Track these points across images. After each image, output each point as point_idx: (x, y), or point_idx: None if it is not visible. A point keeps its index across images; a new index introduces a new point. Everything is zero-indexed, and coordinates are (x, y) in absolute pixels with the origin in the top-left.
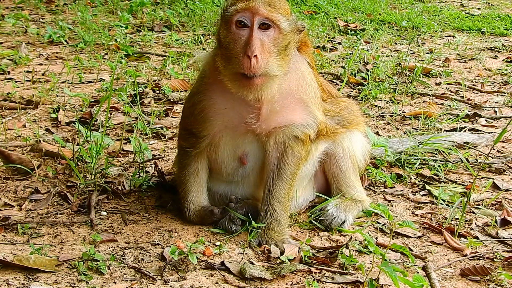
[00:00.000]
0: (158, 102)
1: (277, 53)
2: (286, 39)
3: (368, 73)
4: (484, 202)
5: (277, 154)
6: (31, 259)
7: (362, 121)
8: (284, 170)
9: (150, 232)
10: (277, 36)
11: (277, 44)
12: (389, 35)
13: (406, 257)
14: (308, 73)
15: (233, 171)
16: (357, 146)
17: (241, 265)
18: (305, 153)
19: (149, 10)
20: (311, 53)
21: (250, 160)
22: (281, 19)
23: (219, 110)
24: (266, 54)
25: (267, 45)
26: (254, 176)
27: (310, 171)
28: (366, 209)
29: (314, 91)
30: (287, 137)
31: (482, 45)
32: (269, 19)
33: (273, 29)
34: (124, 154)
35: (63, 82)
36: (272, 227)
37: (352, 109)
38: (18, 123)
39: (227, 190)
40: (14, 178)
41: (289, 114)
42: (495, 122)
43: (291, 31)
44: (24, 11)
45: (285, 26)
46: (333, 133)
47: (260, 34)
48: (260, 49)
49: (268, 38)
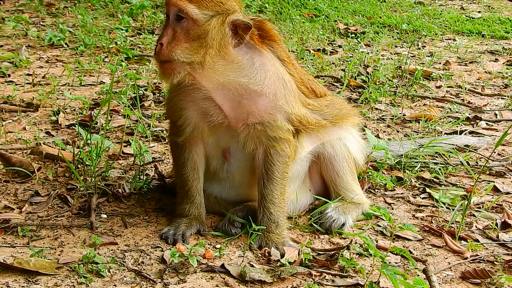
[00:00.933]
0: (158, 105)
1: (187, 42)
2: (200, 29)
3: (369, 76)
4: (484, 205)
5: (262, 156)
6: (31, 261)
7: (352, 113)
8: (272, 171)
9: (150, 235)
10: (190, 26)
11: (189, 34)
12: (390, 38)
13: (407, 260)
14: (274, 65)
15: (219, 166)
16: (350, 145)
17: (241, 268)
18: (290, 150)
19: (150, 13)
20: (280, 47)
21: (233, 156)
22: (194, 10)
23: (188, 102)
24: (175, 42)
25: (178, 34)
26: (240, 174)
27: (299, 171)
28: (366, 211)
29: (284, 82)
30: (263, 135)
31: (482, 48)
32: (181, 10)
33: (186, 20)
34: (124, 156)
35: (63, 85)
36: (271, 229)
37: (334, 105)
38: (18, 125)
39: (221, 192)
40: (14, 180)
41: (254, 109)
42: (495, 125)
43: (210, 23)
44: (24, 14)
45: (199, 17)
46: (316, 124)
47: (175, 24)
48: (169, 37)
49: (181, 28)
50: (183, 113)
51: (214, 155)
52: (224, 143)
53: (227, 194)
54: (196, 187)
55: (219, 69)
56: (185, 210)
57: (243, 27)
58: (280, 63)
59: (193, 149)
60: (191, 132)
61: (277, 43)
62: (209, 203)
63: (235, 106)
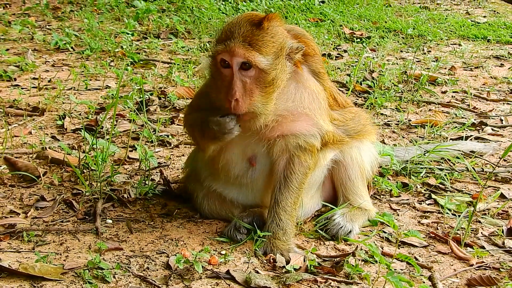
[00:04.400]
0: (164, 110)
1: (261, 90)
2: (269, 76)
3: (374, 81)
4: (490, 212)
5: (284, 163)
6: (36, 267)
7: (371, 130)
8: (291, 179)
9: (156, 241)
10: (259, 75)
11: (259, 83)
12: (395, 43)
13: (412, 266)
14: (312, 84)
15: (242, 172)
16: (365, 155)
17: (246, 274)
18: (312, 162)
19: (155, 17)
20: (317, 61)
21: (259, 162)
22: (260, 59)
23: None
24: (248, 94)
25: (249, 85)
26: (263, 180)
27: (318, 179)
28: (372, 218)
29: (319, 102)
30: (292, 145)
31: (488, 53)
32: (247, 60)
33: (253, 69)
34: (130, 161)
35: (69, 89)
36: (278, 236)
37: (359, 119)
38: (24, 130)
39: (237, 196)
40: (20, 185)
41: (291, 125)
42: (501, 130)
43: (276, 65)
44: (30, 17)
45: (266, 65)
46: (339, 141)
47: (241, 75)
48: (241, 91)
49: (250, 78)
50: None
51: (239, 160)
52: (251, 149)
53: (244, 198)
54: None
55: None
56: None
57: (294, 52)
58: (315, 79)
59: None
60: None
61: (311, 56)
62: (222, 206)
63: (277, 125)
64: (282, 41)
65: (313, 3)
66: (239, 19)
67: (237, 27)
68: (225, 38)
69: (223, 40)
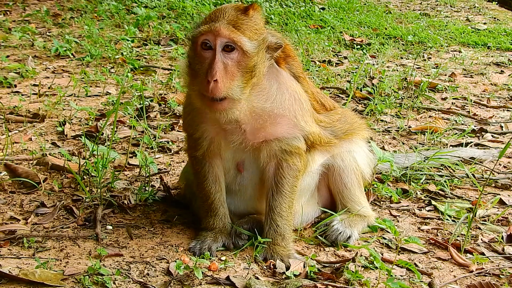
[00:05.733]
0: (164, 116)
1: (241, 75)
2: (251, 61)
3: (374, 88)
4: (490, 218)
5: (274, 168)
6: (36, 273)
7: (360, 127)
8: (282, 184)
9: (156, 247)
10: (241, 58)
11: (241, 67)
12: (395, 49)
13: (412, 273)
14: (292, 85)
15: (232, 178)
16: (359, 157)
17: (246, 280)
18: (301, 165)
19: (156, 24)
20: (297, 64)
21: (246, 169)
22: (245, 41)
23: (206, 115)
24: (229, 77)
25: (230, 68)
26: (252, 188)
27: (310, 184)
28: (371, 224)
29: (301, 103)
30: (277, 150)
31: (488, 60)
32: (232, 41)
33: (236, 51)
34: (130, 168)
35: (69, 95)
36: (277, 242)
37: (345, 119)
38: (24, 136)
39: (230, 205)
40: (20, 191)
41: (273, 128)
42: (501, 137)
43: (257, 52)
44: (31, 24)
45: (250, 48)
46: (327, 143)
47: (223, 57)
48: (222, 73)
49: (232, 60)
50: (201, 126)
51: (228, 168)
52: (238, 156)
53: (236, 207)
54: (219, 199)
55: (251, 98)
56: (210, 223)
57: (273, 48)
58: (296, 81)
59: (213, 161)
60: (208, 146)
61: (292, 58)
62: None
63: (257, 128)
64: (264, 33)
65: (313, 9)
66: (224, 6)
67: (222, 11)
68: (209, 20)
69: (207, 22)
